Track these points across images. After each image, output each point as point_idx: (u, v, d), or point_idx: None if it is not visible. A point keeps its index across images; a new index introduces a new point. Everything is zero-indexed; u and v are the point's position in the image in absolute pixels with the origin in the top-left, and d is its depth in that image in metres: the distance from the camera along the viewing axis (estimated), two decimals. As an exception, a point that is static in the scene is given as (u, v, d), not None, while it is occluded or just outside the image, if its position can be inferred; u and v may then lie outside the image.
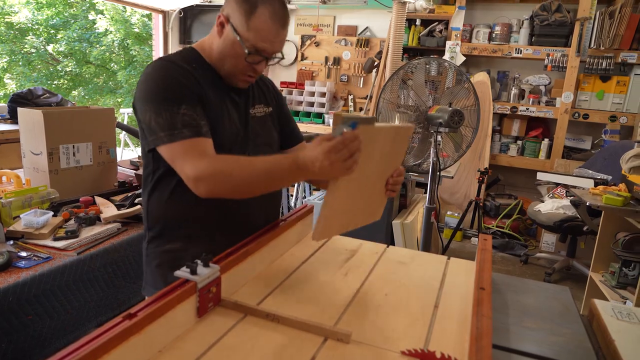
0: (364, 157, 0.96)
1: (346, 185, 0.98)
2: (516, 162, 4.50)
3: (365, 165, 0.99)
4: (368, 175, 1.07)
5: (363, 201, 1.12)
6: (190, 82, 1.09)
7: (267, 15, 1.09)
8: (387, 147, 1.07)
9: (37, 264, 1.35)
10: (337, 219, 1.04)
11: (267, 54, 1.14)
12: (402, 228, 3.09)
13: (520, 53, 4.33)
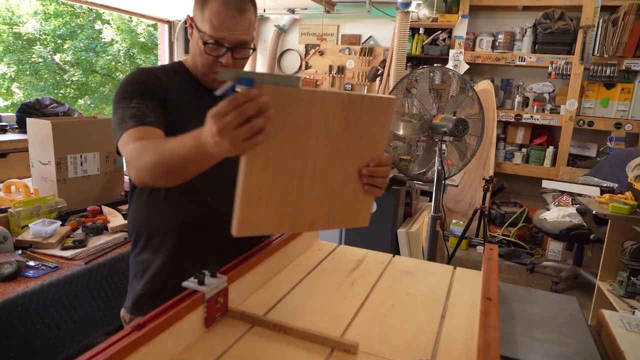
0: (292, 130, 0.78)
1: (265, 165, 0.78)
2: (521, 169, 4.49)
3: (297, 143, 0.80)
4: (314, 158, 0.84)
5: (322, 194, 0.89)
6: (151, 82, 1.08)
7: (219, 3, 1.06)
8: (340, 122, 0.85)
9: (45, 273, 1.36)
10: (268, 212, 0.82)
11: (227, 43, 1.08)
12: (408, 237, 3.09)
13: (523, 61, 4.34)
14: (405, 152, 2.69)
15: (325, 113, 0.82)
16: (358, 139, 0.90)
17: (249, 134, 0.71)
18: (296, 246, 1.33)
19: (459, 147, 2.62)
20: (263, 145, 0.75)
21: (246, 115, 0.70)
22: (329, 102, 0.82)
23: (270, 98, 0.72)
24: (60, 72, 11.33)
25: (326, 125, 0.84)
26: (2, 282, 1.28)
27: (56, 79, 11.30)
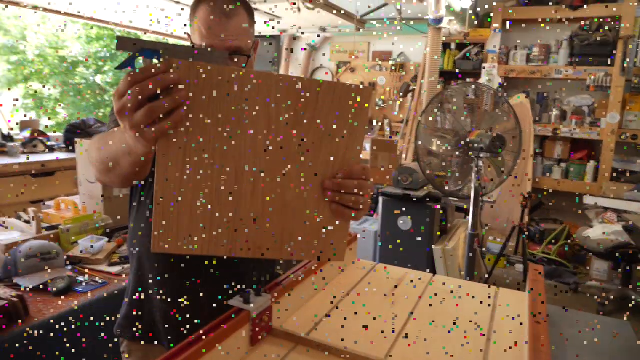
0: (217, 120, 0.63)
1: (182, 161, 0.63)
2: (560, 185, 4.36)
3: (226, 138, 0.65)
4: (252, 160, 0.67)
5: (268, 211, 0.70)
6: None
7: (205, 9, 1.01)
8: (288, 115, 0.67)
9: (94, 288, 1.42)
10: (192, 225, 0.67)
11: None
12: (444, 254, 3.04)
13: (560, 74, 4.25)
14: (439, 169, 2.67)
15: (265, 102, 0.65)
16: (317, 140, 0.69)
17: (150, 118, 0.59)
18: (336, 265, 1.34)
19: (496, 163, 2.58)
20: (178, 136, 0.62)
21: (145, 94, 0.58)
22: (269, 87, 0.65)
23: (182, 75, 0.60)
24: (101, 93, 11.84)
25: (268, 119, 0.66)
26: (56, 296, 1.34)
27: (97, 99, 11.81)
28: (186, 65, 0.60)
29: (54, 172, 3.25)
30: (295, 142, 0.69)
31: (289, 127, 0.68)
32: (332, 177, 0.72)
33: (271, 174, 0.69)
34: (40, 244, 1.46)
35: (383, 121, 5.27)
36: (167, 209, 0.64)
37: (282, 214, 0.71)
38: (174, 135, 0.61)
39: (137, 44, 0.60)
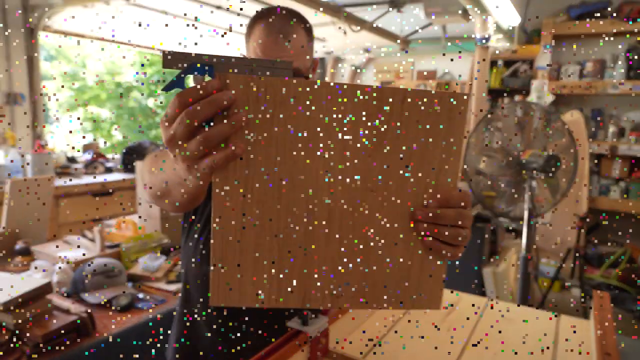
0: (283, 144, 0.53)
1: (244, 197, 0.53)
2: (620, 205, 4.14)
3: (295, 165, 0.54)
4: (326, 190, 0.55)
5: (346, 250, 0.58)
6: None
7: (261, 30, 0.97)
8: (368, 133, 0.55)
9: (154, 305, 1.48)
10: (258, 271, 0.56)
11: None
12: (494, 277, 2.95)
13: (617, 89, 4.07)
14: (488, 188, 2.61)
15: (339, 120, 0.53)
16: (404, 162, 0.57)
17: (205, 147, 0.49)
18: (388, 287, 1.33)
19: (550, 183, 2.49)
20: (239, 167, 0.52)
21: (197, 119, 0.48)
22: (344, 101, 0.53)
23: (240, 93, 0.50)
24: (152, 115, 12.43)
25: (343, 141, 0.54)
26: (119, 313, 1.41)
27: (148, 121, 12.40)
28: (241, 80, 0.49)
29: (112, 191, 3.43)
30: (377, 167, 0.56)
31: (370, 148, 0.55)
32: (424, 206, 0.59)
33: (348, 207, 0.57)
34: (106, 262, 1.55)
35: (428, 140, 5.22)
36: (227, 255, 0.54)
37: (363, 254, 0.58)
38: (232, 166, 0.52)
39: (186, 58, 0.50)
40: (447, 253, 0.60)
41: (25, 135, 3.59)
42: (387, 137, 0.55)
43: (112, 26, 3.88)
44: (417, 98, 0.55)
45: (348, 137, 0.54)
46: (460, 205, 0.61)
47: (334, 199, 0.56)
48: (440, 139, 0.57)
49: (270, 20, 0.97)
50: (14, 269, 1.74)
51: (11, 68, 3.47)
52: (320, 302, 0.58)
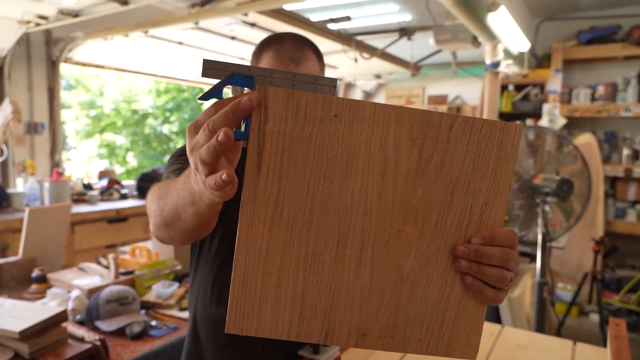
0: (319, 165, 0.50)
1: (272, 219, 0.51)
2: (637, 229, 4.06)
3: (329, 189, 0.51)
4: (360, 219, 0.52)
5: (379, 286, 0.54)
6: None
7: (271, 57, 0.95)
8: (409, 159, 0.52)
9: (166, 333, 1.49)
10: (280, 301, 0.52)
11: None
12: (509, 303, 2.89)
13: (629, 112, 4.05)
14: (503, 213, 2.59)
15: (381, 140, 0.51)
16: (447, 194, 0.53)
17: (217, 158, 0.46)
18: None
19: (564, 207, 2.47)
20: (270, 184, 0.50)
21: (218, 127, 0.46)
22: (389, 122, 0.50)
23: (279, 107, 0.48)
24: (167, 141, 12.64)
25: (383, 163, 0.51)
26: (132, 341, 1.42)
27: (163, 147, 12.61)
28: (281, 93, 0.48)
29: (127, 218, 3.47)
30: (418, 195, 0.53)
31: (412, 175, 0.52)
32: (468, 242, 0.54)
33: (383, 237, 0.53)
34: (119, 289, 1.56)
35: (440, 164, 5.22)
36: (247, 284, 0.51)
37: (395, 289, 0.54)
38: (262, 182, 0.50)
39: (226, 68, 0.48)
40: (488, 296, 0.54)
41: (44, 164, 3.69)
42: (431, 164, 0.52)
43: (130, 57, 4.01)
44: (467, 125, 0.52)
45: (389, 161, 0.51)
46: (507, 244, 0.54)
47: (368, 227, 0.52)
48: (489, 170, 0.53)
49: (280, 46, 0.95)
50: (30, 296, 1.76)
51: (33, 99, 3.59)
52: (344, 340, 0.54)
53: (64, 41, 3.54)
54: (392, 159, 0.51)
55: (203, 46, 3.58)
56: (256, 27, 2.98)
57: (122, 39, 3.22)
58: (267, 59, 0.95)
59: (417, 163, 0.52)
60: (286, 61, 0.94)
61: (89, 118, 10.97)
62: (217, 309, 0.97)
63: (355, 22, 3.89)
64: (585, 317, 3.87)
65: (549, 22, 4.61)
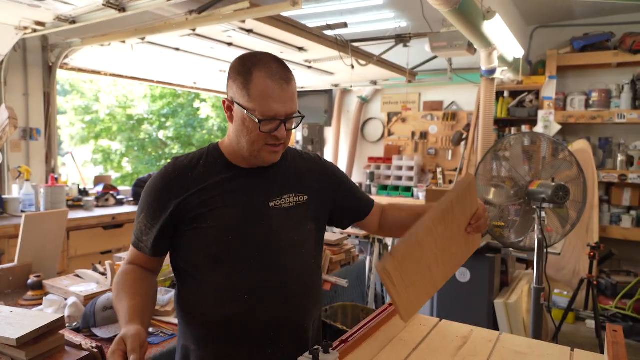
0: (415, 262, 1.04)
1: (400, 278, 1.00)
2: (632, 234, 4.09)
3: (419, 263, 1.06)
4: (434, 256, 1.10)
5: (446, 262, 1.14)
6: (163, 192, 1.10)
7: (264, 77, 1.04)
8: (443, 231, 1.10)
9: (163, 340, 1.48)
10: (414, 292, 1.05)
11: (280, 117, 1.06)
12: (506, 309, 2.90)
13: (623, 118, 4.10)
14: (497, 218, 2.60)
15: (433, 237, 1.06)
16: (459, 222, 1.14)
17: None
18: (399, 321, 1.33)
19: (560, 213, 2.48)
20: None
21: None
22: (432, 231, 1.05)
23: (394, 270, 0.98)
24: (162, 147, 12.62)
25: (435, 242, 1.07)
26: (129, 348, 1.41)
27: (158, 152, 12.58)
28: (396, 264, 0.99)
29: (123, 224, 3.46)
30: (450, 234, 1.12)
31: (448, 236, 1.11)
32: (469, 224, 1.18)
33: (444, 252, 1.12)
34: (116, 296, 1.56)
35: (436, 170, 5.24)
36: (401, 296, 1.02)
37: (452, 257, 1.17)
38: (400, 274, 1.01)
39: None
40: (480, 230, 1.20)
41: (39, 169, 3.67)
42: (452, 223, 1.12)
43: (126, 62, 4.01)
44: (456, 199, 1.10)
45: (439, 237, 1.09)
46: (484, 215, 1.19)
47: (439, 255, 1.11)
48: (469, 204, 1.15)
49: (269, 67, 1.05)
50: (26, 303, 1.75)
51: (29, 104, 3.58)
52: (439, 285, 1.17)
53: (60, 47, 3.54)
54: (439, 238, 1.09)
55: (200, 52, 3.59)
56: (253, 34, 2.99)
57: (119, 45, 3.22)
58: (260, 79, 1.04)
59: (447, 229, 1.10)
60: (279, 81, 1.05)
61: (83, 123, 10.94)
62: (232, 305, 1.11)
63: (351, 28, 3.91)
64: (582, 322, 3.88)
65: (543, 29, 4.66)
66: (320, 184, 1.24)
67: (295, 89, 1.10)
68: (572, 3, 4.00)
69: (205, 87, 5.39)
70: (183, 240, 1.12)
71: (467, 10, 2.54)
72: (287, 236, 1.14)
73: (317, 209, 1.22)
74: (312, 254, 1.22)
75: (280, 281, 1.12)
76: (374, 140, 5.78)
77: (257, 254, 1.10)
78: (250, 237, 1.10)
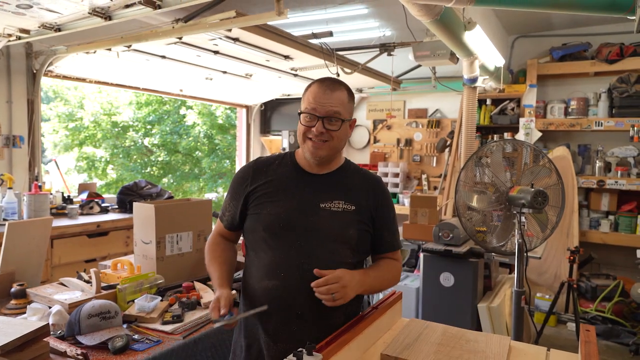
0: None
1: None
2: (610, 238, 4.19)
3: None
4: None
5: None
6: (242, 180, 1.44)
7: (316, 85, 1.35)
8: None
9: (149, 347, 1.48)
10: None
11: (319, 113, 1.32)
12: (489, 312, 2.95)
13: (601, 126, 4.21)
14: (480, 223, 2.66)
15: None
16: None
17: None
18: (382, 324, 1.36)
19: (539, 218, 2.55)
20: None
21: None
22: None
23: None
24: (148, 154, 12.51)
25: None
26: (115, 355, 1.42)
27: (144, 159, 12.47)
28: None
29: (108, 232, 3.44)
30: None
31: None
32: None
33: None
34: (101, 304, 1.56)
35: (421, 176, 5.31)
36: None
37: None
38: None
39: None
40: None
41: (22, 177, 3.63)
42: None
43: (112, 70, 4.00)
44: None
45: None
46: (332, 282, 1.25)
47: None
48: None
49: (322, 81, 1.36)
50: (9, 312, 1.74)
51: (12, 111, 3.55)
52: None
53: (45, 54, 3.52)
54: None
55: (186, 60, 3.60)
56: (239, 42, 3.02)
57: (105, 52, 3.22)
58: (312, 86, 1.36)
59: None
60: (324, 88, 1.33)
61: (67, 130, 10.80)
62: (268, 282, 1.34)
63: (336, 37, 3.96)
64: (563, 325, 3.96)
65: (523, 39, 4.78)
66: (368, 202, 1.41)
67: (344, 99, 1.35)
68: (551, 14, 4.12)
69: (192, 95, 5.39)
70: (248, 222, 1.40)
71: (449, 21, 2.61)
72: (328, 233, 1.33)
73: (361, 220, 1.38)
74: (348, 255, 1.36)
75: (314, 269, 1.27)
76: (359, 147, 5.83)
77: (299, 242, 1.32)
78: (297, 228, 1.33)
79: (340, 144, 1.38)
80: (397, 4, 2.53)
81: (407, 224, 3.42)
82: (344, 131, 1.36)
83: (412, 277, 3.61)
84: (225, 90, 5.13)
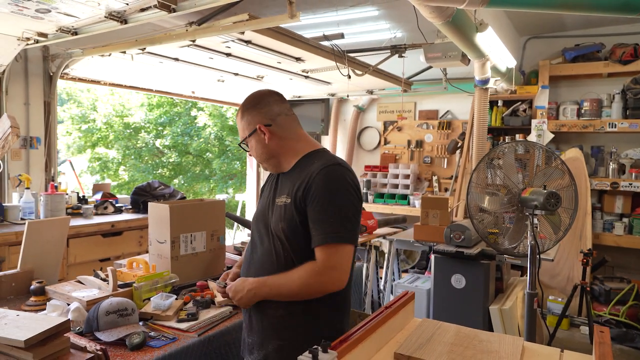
0: None
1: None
2: (624, 241, 4.15)
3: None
4: None
5: None
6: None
7: (282, 106, 1.52)
8: None
9: (165, 344, 1.51)
10: None
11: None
12: (501, 314, 2.94)
13: (614, 127, 4.17)
14: (492, 225, 2.65)
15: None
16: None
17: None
18: (395, 324, 1.37)
19: (552, 220, 2.54)
20: None
21: None
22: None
23: None
24: (159, 155, 12.63)
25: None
26: (132, 351, 1.45)
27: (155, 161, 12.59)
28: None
29: (122, 232, 3.49)
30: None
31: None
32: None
33: None
34: (119, 301, 1.59)
35: (432, 178, 5.30)
36: None
37: None
38: None
39: None
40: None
41: (39, 177, 3.70)
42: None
43: (126, 72, 4.06)
44: None
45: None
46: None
47: None
48: None
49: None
50: (29, 308, 1.78)
51: (29, 113, 3.62)
52: None
53: (61, 57, 3.59)
54: None
55: (199, 62, 3.64)
56: (251, 45, 3.05)
57: (119, 55, 3.28)
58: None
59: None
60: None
61: (80, 132, 10.95)
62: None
63: (348, 39, 3.98)
64: (576, 329, 3.92)
65: (536, 40, 4.76)
66: (302, 192, 1.38)
67: (240, 123, 1.53)
68: (563, 15, 4.10)
69: (204, 96, 5.45)
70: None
71: (460, 22, 2.61)
72: (272, 228, 1.43)
73: (293, 213, 1.39)
74: (280, 250, 1.41)
75: (252, 263, 1.48)
76: (370, 148, 5.84)
77: (253, 238, 1.52)
78: (257, 224, 1.50)
79: (265, 152, 1.48)
80: (408, 6, 2.54)
81: (418, 226, 3.42)
82: (256, 144, 1.48)
83: (423, 279, 3.61)
84: (237, 92, 5.17)
